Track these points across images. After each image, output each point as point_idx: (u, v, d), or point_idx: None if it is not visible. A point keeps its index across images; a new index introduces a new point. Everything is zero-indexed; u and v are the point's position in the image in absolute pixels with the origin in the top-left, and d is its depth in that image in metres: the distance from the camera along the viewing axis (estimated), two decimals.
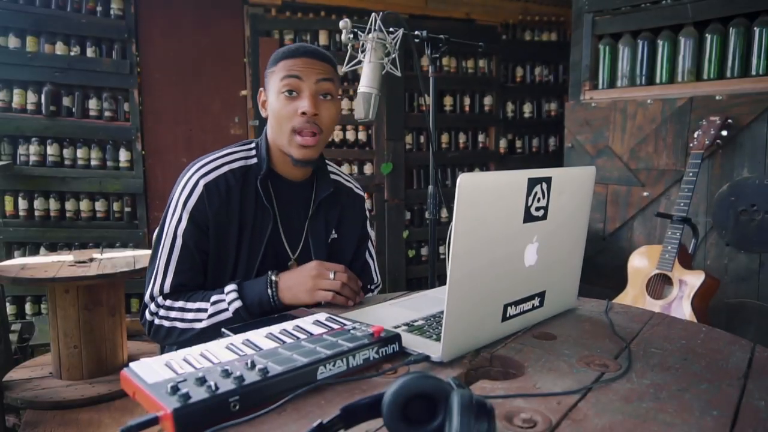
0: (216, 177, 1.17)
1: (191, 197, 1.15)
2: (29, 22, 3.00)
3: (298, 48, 1.20)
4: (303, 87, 1.16)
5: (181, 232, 1.14)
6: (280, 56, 1.20)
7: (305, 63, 1.17)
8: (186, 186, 1.16)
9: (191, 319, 1.11)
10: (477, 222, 0.76)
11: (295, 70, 1.16)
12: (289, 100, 1.16)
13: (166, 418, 0.57)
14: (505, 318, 0.88)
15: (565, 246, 0.98)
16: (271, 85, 1.20)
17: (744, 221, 2.28)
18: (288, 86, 1.16)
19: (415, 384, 0.53)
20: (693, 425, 0.61)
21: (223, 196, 1.16)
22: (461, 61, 3.89)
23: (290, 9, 3.51)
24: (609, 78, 2.83)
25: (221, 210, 1.16)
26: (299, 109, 1.15)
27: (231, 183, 1.18)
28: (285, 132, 1.17)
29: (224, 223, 1.17)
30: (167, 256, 1.15)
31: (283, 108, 1.16)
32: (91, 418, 2.15)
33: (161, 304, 1.14)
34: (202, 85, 3.46)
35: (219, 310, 1.10)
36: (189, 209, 1.14)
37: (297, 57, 1.18)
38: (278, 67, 1.19)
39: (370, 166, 3.71)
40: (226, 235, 1.17)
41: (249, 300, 1.10)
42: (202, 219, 1.15)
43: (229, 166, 1.20)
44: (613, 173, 2.75)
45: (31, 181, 3.08)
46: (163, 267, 1.15)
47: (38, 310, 3.15)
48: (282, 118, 1.17)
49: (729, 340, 0.90)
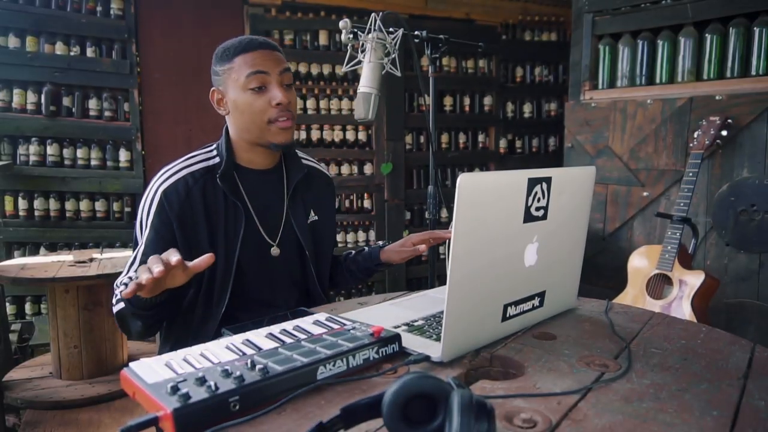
0: (174, 182, 1.19)
1: (152, 207, 1.18)
2: (29, 22, 3.00)
3: (251, 41, 1.21)
4: (270, 80, 1.19)
5: (145, 239, 1.18)
6: (233, 52, 1.20)
7: (264, 56, 1.19)
8: (148, 196, 1.20)
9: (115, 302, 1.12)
10: (477, 222, 0.76)
11: (258, 65, 1.18)
12: (258, 94, 1.18)
13: (166, 418, 0.57)
14: (505, 318, 0.88)
15: (565, 246, 0.98)
16: (231, 82, 1.20)
17: (744, 221, 2.28)
18: (256, 82, 1.18)
19: (415, 384, 0.53)
20: (693, 425, 0.61)
21: (182, 198, 1.18)
22: (461, 61, 3.89)
23: (290, 9, 3.50)
24: (609, 78, 2.83)
25: (184, 211, 1.17)
26: (273, 100, 1.18)
27: (190, 184, 1.19)
28: (260, 124, 1.20)
29: (191, 224, 1.18)
30: (133, 259, 1.19)
31: (254, 103, 1.18)
32: (91, 418, 2.15)
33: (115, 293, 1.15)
34: (202, 85, 3.43)
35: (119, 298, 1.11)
36: (151, 218, 1.17)
37: (253, 50, 1.19)
38: (236, 63, 1.19)
39: (370, 166, 3.71)
40: (196, 235, 1.19)
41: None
42: (164, 225, 1.17)
43: (188, 169, 1.21)
44: (613, 173, 2.75)
45: (31, 181, 3.08)
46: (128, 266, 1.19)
47: (38, 310, 3.15)
48: (255, 113, 1.19)
49: (729, 340, 0.90)
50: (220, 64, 1.22)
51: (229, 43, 1.22)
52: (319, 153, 3.52)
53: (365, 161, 3.71)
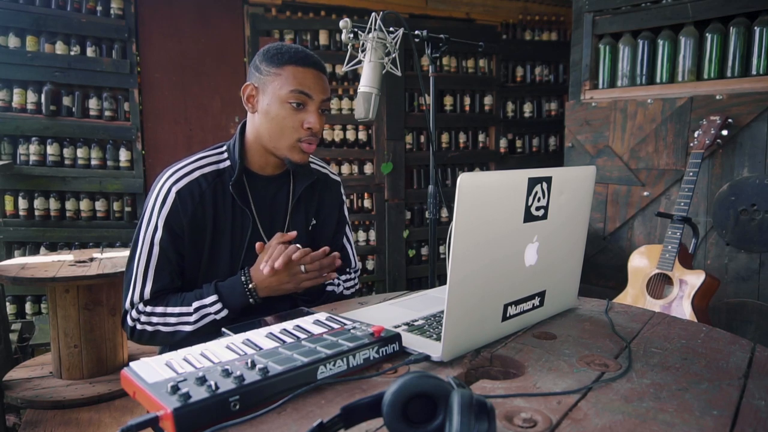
0: (188, 182, 1.17)
1: (165, 205, 1.16)
2: (29, 21, 3.00)
3: (307, 57, 1.19)
4: (310, 103, 1.18)
5: (157, 240, 1.15)
6: (286, 59, 1.18)
7: (314, 78, 1.18)
8: (159, 194, 1.17)
9: (175, 323, 1.14)
10: (477, 222, 0.76)
11: (306, 86, 1.17)
12: (295, 111, 1.18)
13: (167, 417, 0.57)
14: (505, 318, 0.88)
15: (565, 246, 0.98)
16: (272, 88, 1.18)
17: (744, 221, 2.28)
18: (297, 100, 1.17)
19: (415, 383, 0.53)
20: (693, 425, 0.61)
21: (196, 201, 1.17)
22: (461, 61, 3.89)
23: (290, 9, 3.50)
24: (609, 78, 2.83)
25: (196, 215, 1.17)
26: (305, 123, 1.18)
27: (203, 187, 1.18)
28: (288, 140, 1.19)
29: (200, 228, 1.18)
30: (145, 264, 1.16)
31: (288, 118, 1.18)
32: (91, 417, 2.15)
33: (142, 311, 1.15)
34: (202, 85, 3.46)
35: (204, 314, 1.14)
36: (164, 217, 1.15)
37: (306, 68, 1.18)
38: (285, 72, 1.17)
39: (370, 166, 3.71)
40: (201, 240, 1.18)
41: (232, 307, 1.14)
42: (177, 226, 1.16)
43: (200, 171, 1.20)
44: (613, 173, 2.75)
45: (31, 180, 3.08)
46: (141, 275, 1.16)
47: (38, 309, 3.15)
48: (285, 128, 1.18)
49: (729, 340, 0.90)
50: (267, 64, 1.19)
51: (285, 48, 1.20)
52: (320, 153, 3.52)
53: (365, 161, 3.71)
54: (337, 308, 1.11)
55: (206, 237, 1.19)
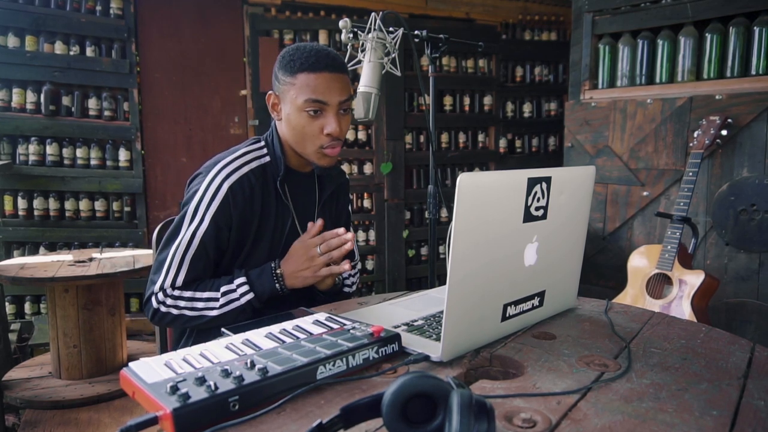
0: (239, 177, 1.19)
1: (215, 200, 1.16)
2: (28, 21, 3.00)
3: (318, 60, 1.16)
4: (327, 108, 1.18)
5: (200, 233, 1.16)
6: (298, 66, 1.17)
7: (328, 82, 1.17)
8: (210, 188, 1.17)
9: (201, 308, 1.14)
10: (477, 222, 0.76)
11: (320, 93, 1.16)
12: (312, 118, 1.18)
13: (166, 417, 0.57)
14: (504, 318, 0.88)
15: (564, 246, 0.98)
16: (289, 97, 1.19)
17: (744, 221, 2.28)
18: (313, 108, 1.17)
19: (414, 384, 0.53)
20: (693, 425, 0.61)
21: (247, 196, 1.19)
22: (461, 61, 3.89)
23: (290, 8, 3.50)
24: (609, 78, 2.83)
25: (246, 209, 1.19)
26: (325, 129, 1.18)
27: (253, 182, 1.20)
28: (310, 147, 1.21)
29: (247, 222, 1.20)
30: (183, 253, 1.16)
31: (307, 126, 1.18)
32: (91, 417, 2.15)
33: (170, 294, 1.15)
34: (202, 85, 3.45)
35: (230, 299, 1.14)
36: (212, 212, 1.16)
37: (318, 73, 1.16)
38: (298, 81, 1.16)
39: (370, 166, 3.71)
40: (246, 233, 1.21)
41: (259, 291, 1.15)
42: (225, 221, 1.17)
43: (248, 166, 1.22)
44: (612, 173, 2.75)
45: (31, 180, 3.08)
46: (177, 262, 1.16)
47: (38, 309, 3.15)
48: (306, 136, 1.19)
49: (729, 340, 0.90)
50: (282, 73, 1.19)
51: (297, 54, 1.18)
52: None
53: (365, 161, 3.71)
54: (336, 308, 1.11)
55: (251, 231, 1.21)
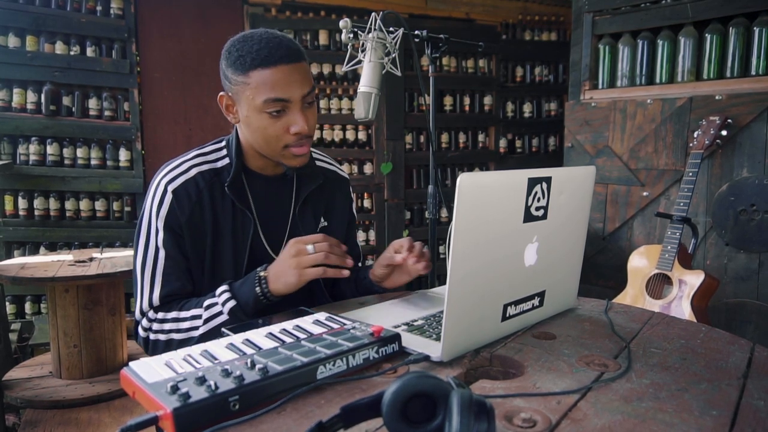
0: (184, 181, 1.09)
1: (162, 205, 1.08)
2: (29, 21, 3.00)
3: (270, 53, 1.03)
4: (290, 105, 1.07)
5: (161, 242, 1.08)
6: (250, 63, 1.03)
7: (287, 75, 1.04)
8: (156, 194, 1.09)
9: (187, 328, 1.05)
10: (477, 222, 0.76)
11: (279, 91, 1.04)
12: (275, 118, 1.07)
13: (166, 417, 0.57)
14: (504, 318, 0.88)
15: (565, 246, 0.98)
16: (245, 99, 1.06)
17: (743, 221, 2.28)
18: (275, 108, 1.05)
19: (414, 383, 0.53)
20: (692, 425, 0.61)
21: (193, 201, 1.09)
22: (461, 61, 3.89)
23: (290, 9, 3.50)
24: (609, 78, 2.83)
25: (194, 215, 1.09)
26: (292, 129, 1.07)
27: (201, 186, 1.10)
28: (275, 148, 1.10)
29: (199, 230, 1.10)
30: (152, 269, 1.09)
31: (270, 127, 1.07)
32: (91, 417, 2.15)
33: (153, 318, 1.08)
34: (202, 85, 3.45)
35: (214, 313, 1.04)
36: (163, 218, 1.08)
37: (274, 67, 1.03)
38: (252, 80, 1.04)
39: (370, 166, 3.71)
40: (201, 243, 1.11)
41: (242, 299, 1.03)
42: (176, 226, 1.09)
43: (197, 168, 1.12)
44: (612, 173, 2.75)
45: (31, 180, 3.08)
46: (149, 280, 1.09)
47: (38, 309, 3.15)
48: (270, 138, 1.08)
49: (728, 340, 0.90)
50: (232, 71, 1.06)
51: (245, 47, 1.04)
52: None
53: (365, 161, 3.71)
54: (336, 308, 1.11)
55: (207, 240, 1.11)
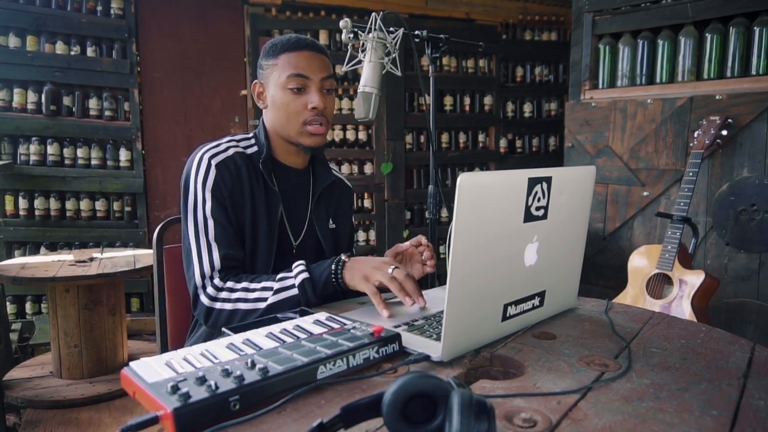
0: (225, 158, 1.19)
1: (208, 177, 1.16)
2: (29, 21, 3.00)
3: (298, 41, 1.21)
4: (310, 84, 1.20)
5: (209, 212, 1.15)
6: (279, 48, 1.21)
7: (309, 59, 1.20)
8: (200, 167, 1.17)
9: (255, 298, 1.09)
10: (477, 222, 0.76)
11: (301, 68, 1.19)
12: (296, 95, 1.20)
13: (167, 417, 0.57)
14: (505, 318, 0.88)
15: (565, 246, 0.98)
16: (273, 79, 1.21)
17: (744, 221, 2.28)
18: (296, 84, 1.19)
19: (415, 383, 0.53)
20: (693, 425, 0.61)
21: (234, 175, 1.18)
22: (461, 61, 3.89)
23: (290, 8, 3.51)
24: (609, 78, 2.83)
25: (234, 188, 1.18)
26: (309, 104, 1.20)
27: (239, 163, 1.20)
28: (295, 125, 1.21)
29: (239, 203, 1.18)
30: (205, 236, 1.14)
31: (291, 103, 1.20)
32: (91, 417, 2.15)
33: (221, 287, 1.11)
34: (202, 85, 3.46)
35: (285, 286, 1.08)
36: (209, 188, 1.16)
37: (299, 51, 1.20)
38: (280, 61, 1.20)
39: (370, 166, 3.71)
40: (242, 215, 1.19)
41: (316, 275, 1.09)
42: (221, 196, 1.16)
43: (234, 149, 1.22)
44: (613, 173, 2.75)
45: (32, 180, 3.08)
46: (205, 246, 1.14)
47: (38, 309, 3.15)
48: (291, 113, 1.21)
49: (729, 340, 0.90)
50: (265, 59, 1.23)
51: (278, 39, 1.23)
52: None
53: (365, 161, 3.71)
54: (337, 308, 1.11)
55: (246, 215, 1.19)
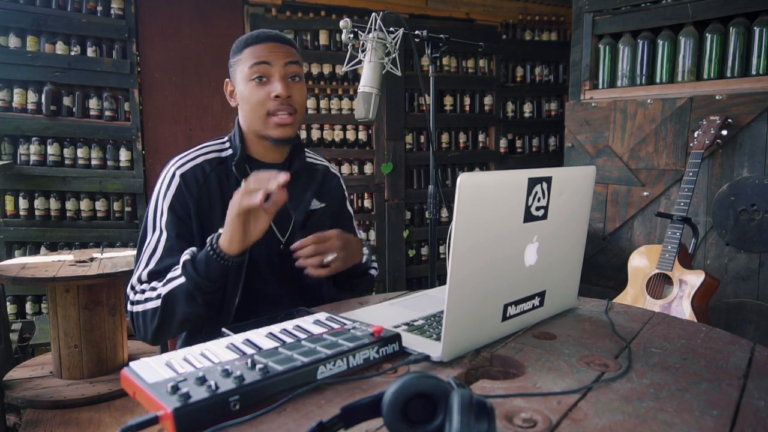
0: (192, 167, 1.20)
1: (169, 189, 1.17)
2: (29, 21, 3.00)
3: (260, 34, 1.22)
4: (272, 71, 1.19)
5: (163, 224, 1.16)
6: (243, 44, 1.22)
7: (271, 48, 1.20)
8: (164, 179, 1.19)
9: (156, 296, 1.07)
10: (477, 222, 0.76)
11: (262, 56, 1.18)
12: (260, 86, 1.19)
13: (167, 417, 0.57)
14: (505, 318, 0.88)
15: (565, 246, 0.98)
16: (239, 74, 1.22)
17: (744, 221, 2.28)
18: (257, 72, 1.19)
19: (415, 383, 0.53)
20: (693, 425, 0.61)
21: (201, 183, 1.19)
22: (461, 61, 3.89)
23: (290, 9, 3.50)
24: (609, 78, 2.83)
25: (202, 197, 1.18)
26: (272, 92, 1.18)
27: (207, 170, 1.20)
28: (260, 116, 1.20)
29: (207, 211, 1.18)
30: (152, 249, 1.15)
31: (254, 94, 1.19)
32: (92, 417, 2.15)
33: (137, 290, 1.11)
34: (202, 85, 3.46)
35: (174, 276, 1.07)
36: (168, 201, 1.16)
37: (261, 42, 1.20)
38: (244, 55, 1.21)
39: (370, 166, 3.71)
40: (211, 224, 1.18)
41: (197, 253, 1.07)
42: (182, 209, 1.16)
43: (204, 156, 1.23)
44: (613, 173, 2.75)
45: (32, 180, 3.08)
46: (146, 258, 1.15)
47: (39, 309, 3.15)
48: (255, 104, 1.19)
49: (729, 340, 0.90)
50: (232, 56, 1.24)
51: (243, 36, 1.25)
52: (320, 153, 3.52)
53: (365, 161, 3.71)
54: (337, 308, 1.11)
55: (215, 221, 1.17)
